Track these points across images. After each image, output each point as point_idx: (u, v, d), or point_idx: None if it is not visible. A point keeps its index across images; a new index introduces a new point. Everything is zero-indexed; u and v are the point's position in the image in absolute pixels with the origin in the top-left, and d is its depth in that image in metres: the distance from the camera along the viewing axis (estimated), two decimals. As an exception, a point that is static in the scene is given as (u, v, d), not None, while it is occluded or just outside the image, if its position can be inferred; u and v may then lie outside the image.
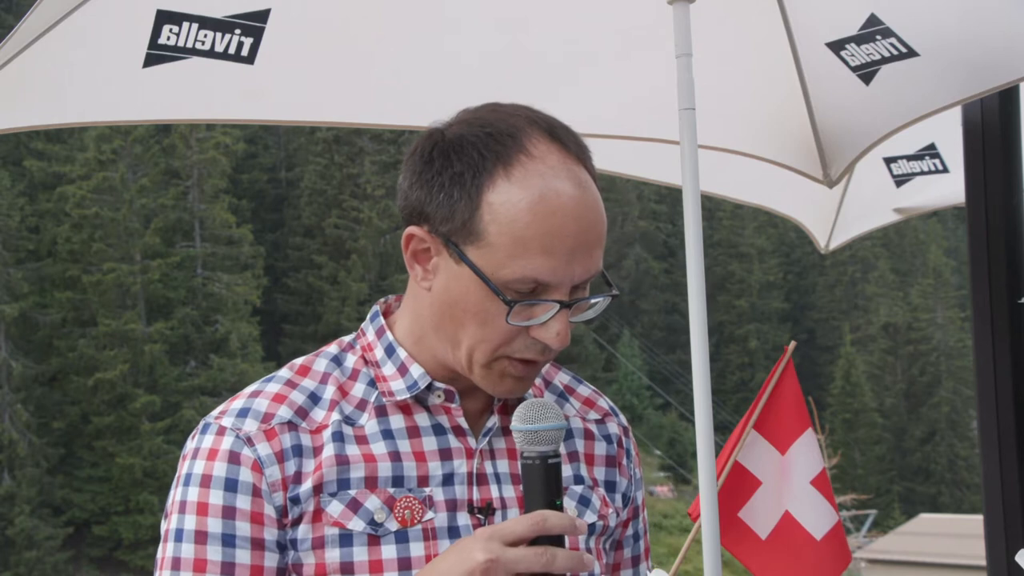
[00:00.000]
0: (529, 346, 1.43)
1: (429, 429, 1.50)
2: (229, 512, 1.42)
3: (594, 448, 1.62)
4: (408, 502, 1.45)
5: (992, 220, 3.29)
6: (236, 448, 1.44)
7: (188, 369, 38.22)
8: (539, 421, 1.36)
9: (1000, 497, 3.29)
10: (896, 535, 28.54)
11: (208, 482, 1.43)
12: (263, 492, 1.42)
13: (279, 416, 1.46)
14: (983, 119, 3.28)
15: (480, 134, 1.41)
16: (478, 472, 1.50)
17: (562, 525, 1.32)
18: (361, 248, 42.95)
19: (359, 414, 1.49)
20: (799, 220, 4.48)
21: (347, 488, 1.44)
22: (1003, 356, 3.29)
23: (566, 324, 1.41)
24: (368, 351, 1.54)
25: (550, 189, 1.38)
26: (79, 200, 37.39)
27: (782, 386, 4.00)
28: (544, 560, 1.29)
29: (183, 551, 1.42)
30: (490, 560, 1.29)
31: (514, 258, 1.37)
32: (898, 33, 2.79)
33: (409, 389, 1.50)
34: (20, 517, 32.64)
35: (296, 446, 1.45)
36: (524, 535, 1.31)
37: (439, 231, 1.42)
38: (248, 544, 1.42)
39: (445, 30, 2.96)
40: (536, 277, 1.38)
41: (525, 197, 1.37)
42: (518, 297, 1.39)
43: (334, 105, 3.04)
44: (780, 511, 3.90)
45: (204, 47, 2.55)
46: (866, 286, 57.86)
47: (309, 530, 1.43)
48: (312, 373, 1.52)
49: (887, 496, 47.22)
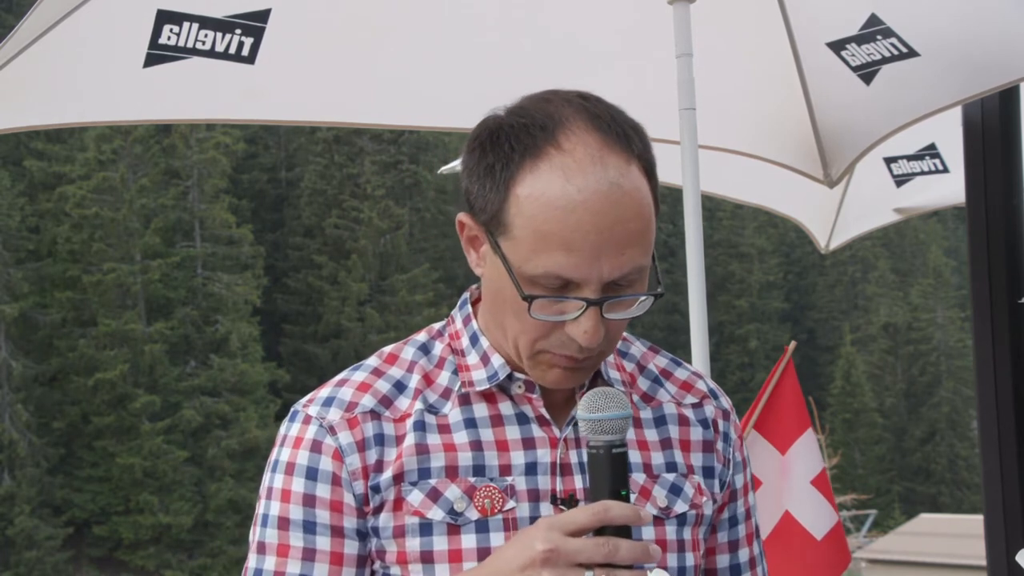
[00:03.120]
0: (565, 343, 1.40)
1: (513, 418, 1.49)
2: (309, 500, 1.44)
3: (690, 434, 1.58)
4: (489, 491, 1.44)
5: (992, 220, 3.30)
6: (319, 437, 1.45)
7: (188, 369, 38.21)
8: (603, 410, 1.34)
9: (1000, 497, 3.29)
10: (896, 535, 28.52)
11: (291, 469, 1.46)
12: (343, 481, 1.44)
13: (362, 405, 1.47)
14: (983, 119, 3.28)
15: (516, 124, 1.39)
16: (562, 462, 1.48)
17: (625, 515, 1.29)
18: (361, 248, 42.91)
19: (443, 402, 1.49)
20: (799, 220, 4.48)
21: (427, 477, 1.44)
22: (1003, 356, 3.29)
23: (595, 322, 1.37)
24: (455, 339, 1.54)
25: (572, 185, 1.34)
26: (79, 200, 37.39)
27: (782, 386, 3.99)
28: (605, 551, 1.27)
29: (267, 535, 1.45)
30: (549, 550, 1.27)
31: (537, 253, 1.35)
32: (899, 33, 2.79)
33: (489, 380, 1.49)
34: (20, 517, 32.65)
35: (378, 435, 1.46)
36: (586, 525, 1.28)
37: (480, 220, 1.42)
38: (328, 531, 1.43)
39: (444, 31, 2.96)
40: (559, 273, 1.35)
41: (546, 192, 1.35)
42: (545, 292, 1.37)
43: (334, 105, 3.05)
44: (780, 511, 3.90)
45: (205, 47, 2.55)
46: (866, 286, 57.84)
47: (390, 519, 1.43)
48: (400, 361, 1.53)
49: (887, 496, 47.21)
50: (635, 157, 1.39)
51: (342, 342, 41.77)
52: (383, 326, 40.88)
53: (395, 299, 42.24)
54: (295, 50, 2.75)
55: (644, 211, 1.38)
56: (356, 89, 2.97)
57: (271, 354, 41.23)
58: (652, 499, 1.50)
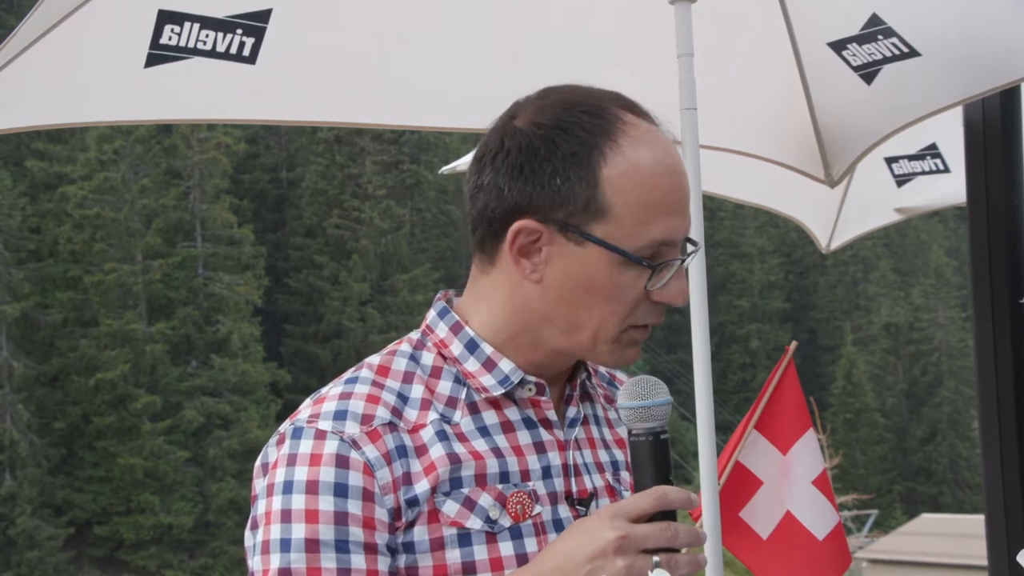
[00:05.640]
0: (651, 310, 1.46)
1: (521, 423, 1.50)
2: (341, 518, 1.37)
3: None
4: (519, 497, 1.45)
5: (993, 220, 3.29)
6: (343, 452, 1.39)
7: (189, 369, 38.20)
8: (649, 397, 1.36)
9: (1001, 497, 3.29)
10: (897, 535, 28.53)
11: (315, 488, 1.38)
12: (375, 496, 1.39)
13: (379, 417, 1.42)
14: (984, 119, 3.28)
15: (576, 113, 1.44)
16: (572, 463, 1.52)
17: (681, 500, 1.33)
18: (362, 248, 42.92)
19: (451, 412, 1.47)
20: (800, 220, 4.48)
21: (460, 487, 1.43)
22: (1004, 356, 3.29)
23: (684, 279, 1.46)
24: (443, 347, 1.51)
25: (658, 151, 1.43)
26: (80, 200, 37.38)
27: (783, 386, 3.99)
28: (669, 535, 1.31)
29: (293, 560, 1.36)
30: (621, 537, 1.30)
31: (643, 223, 1.41)
32: (900, 33, 2.79)
33: (501, 384, 1.48)
34: (21, 517, 32.64)
35: (400, 447, 1.42)
36: (648, 511, 1.32)
37: (553, 218, 1.42)
38: (362, 549, 1.37)
39: (445, 31, 2.96)
40: (663, 238, 1.42)
41: (641, 163, 1.41)
42: (658, 259, 1.43)
43: (335, 105, 3.04)
44: (781, 511, 3.90)
45: (206, 47, 2.55)
46: (867, 286, 57.83)
47: (426, 531, 1.41)
48: (393, 373, 1.49)
49: (888, 496, 47.19)
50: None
51: (343, 342, 41.78)
52: (384, 326, 40.88)
53: (396, 299, 42.24)
54: (296, 50, 2.76)
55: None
56: (357, 89, 2.97)
57: (272, 354, 41.22)
58: None
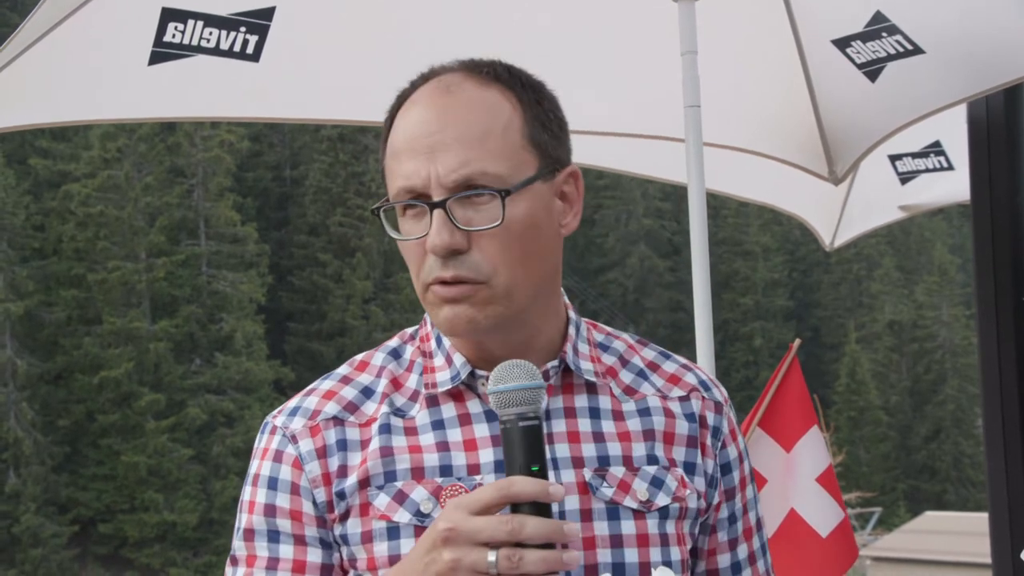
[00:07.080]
0: (432, 264, 1.40)
1: (481, 415, 1.46)
2: (270, 510, 1.45)
3: (675, 427, 1.53)
4: (455, 491, 1.41)
5: (997, 217, 3.29)
6: (281, 447, 1.47)
7: (193, 367, 38.24)
8: (506, 381, 1.28)
9: (1005, 495, 3.28)
10: (901, 533, 28.51)
11: (257, 481, 1.47)
12: (302, 489, 1.44)
13: (325, 412, 1.47)
14: (988, 116, 3.27)
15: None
16: None
17: (532, 491, 1.24)
18: (366, 246, 42.93)
19: (411, 405, 1.48)
20: (804, 218, 4.47)
21: (393, 480, 1.43)
22: (1008, 353, 3.29)
23: (439, 224, 1.37)
24: (424, 342, 1.53)
25: (413, 100, 1.45)
26: (84, 198, 37.43)
27: (787, 384, 3.98)
28: (509, 528, 1.22)
29: (237, 547, 1.48)
30: (448, 529, 1.23)
31: (392, 174, 1.43)
32: (904, 30, 2.79)
33: (452, 380, 1.47)
34: (26, 515, 32.70)
35: (341, 440, 1.45)
36: (491, 503, 1.24)
37: None
38: (291, 540, 1.44)
39: (450, 28, 2.96)
40: (403, 185, 1.40)
41: (398, 118, 1.45)
42: (401, 212, 1.44)
43: (339, 103, 3.05)
44: (785, 509, 3.90)
45: (209, 45, 2.56)
46: (871, 284, 57.75)
47: (358, 524, 1.43)
48: (370, 368, 1.52)
49: (892, 494, 47.14)
50: (498, 82, 1.45)
51: (347, 340, 41.78)
52: (388, 324, 40.88)
53: (400, 297, 42.26)
54: (300, 48, 2.76)
55: (483, 116, 1.41)
56: (361, 87, 2.97)
57: (276, 352, 41.24)
58: (632, 492, 1.47)
